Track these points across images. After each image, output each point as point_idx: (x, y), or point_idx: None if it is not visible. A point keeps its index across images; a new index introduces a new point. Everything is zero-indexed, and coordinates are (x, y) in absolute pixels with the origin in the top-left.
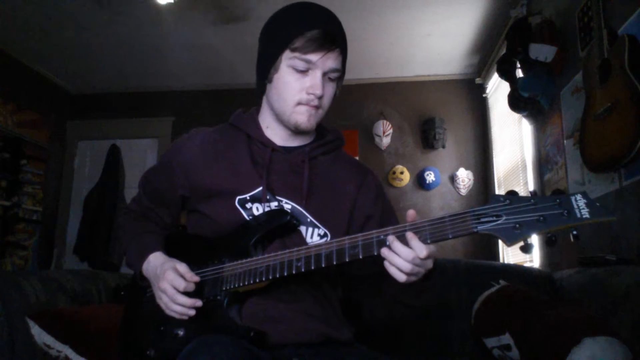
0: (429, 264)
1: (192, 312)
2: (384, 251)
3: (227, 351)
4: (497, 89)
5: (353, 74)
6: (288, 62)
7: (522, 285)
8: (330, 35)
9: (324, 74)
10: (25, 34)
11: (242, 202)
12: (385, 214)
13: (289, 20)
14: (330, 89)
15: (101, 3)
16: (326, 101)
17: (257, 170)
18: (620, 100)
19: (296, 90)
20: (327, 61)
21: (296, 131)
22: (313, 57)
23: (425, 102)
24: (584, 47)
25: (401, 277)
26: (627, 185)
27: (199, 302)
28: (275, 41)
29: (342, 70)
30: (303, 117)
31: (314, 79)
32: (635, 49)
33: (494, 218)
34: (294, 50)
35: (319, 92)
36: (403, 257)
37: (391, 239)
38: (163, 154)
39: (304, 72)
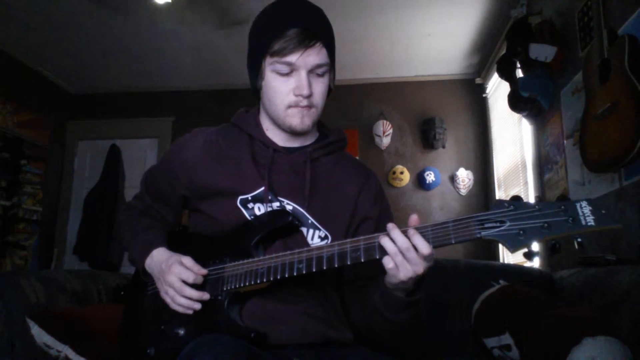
0: (421, 267)
1: (198, 306)
2: (381, 238)
3: (228, 351)
4: (497, 89)
5: (353, 74)
6: (270, 68)
7: (522, 285)
8: (307, 32)
9: (309, 72)
10: (25, 34)
11: (244, 202)
12: (382, 216)
13: (265, 24)
14: (320, 84)
15: (101, 3)
16: (318, 98)
17: (259, 170)
18: (620, 100)
19: (284, 94)
20: (308, 58)
21: (293, 133)
22: (292, 57)
23: (425, 102)
24: (584, 47)
25: (389, 264)
26: (627, 185)
27: (206, 295)
28: (255, 48)
29: (329, 63)
30: (296, 119)
31: (299, 79)
32: (635, 49)
33: (498, 224)
34: (273, 54)
35: (305, 92)
36: (398, 245)
37: (390, 227)
38: (165, 152)
39: (287, 74)
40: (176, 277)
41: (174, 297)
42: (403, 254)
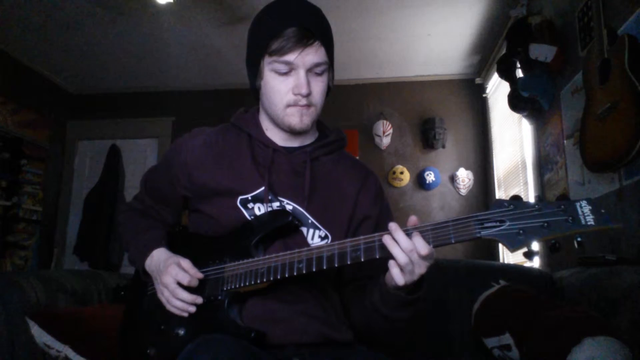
0: (423, 267)
1: (192, 309)
2: (386, 238)
3: (228, 351)
4: (497, 89)
5: (353, 74)
6: (269, 67)
7: (522, 285)
8: (305, 31)
9: (308, 71)
10: (25, 34)
11: (244, 202)
12: (382, 216)
13: (264, 24)
14: (319, 83)
15: (101, 3)
16: (317, 97)
17: (259, 170)
18: (620, 100)
19: (283, 93)
20: (307, 57)
21: (292, 132)
22: (291, 56)
23: (425, 102)
24: (584, 47)
25: (396, 272)
26: (627, 185)
27: (199, 299)
28: (253, 48)
29: (327, 61)
30: (295, 118)
31: (297, 78)
32: (635, 49)
33: (498, 223)
34: (271, 54)
35: (304, 91)
36: (402, 247)
37: (393, 227)
38: (165, 153)
39: (286, 73)
40: (172, 279)
41: (168, 299)
42: (407, 255)
